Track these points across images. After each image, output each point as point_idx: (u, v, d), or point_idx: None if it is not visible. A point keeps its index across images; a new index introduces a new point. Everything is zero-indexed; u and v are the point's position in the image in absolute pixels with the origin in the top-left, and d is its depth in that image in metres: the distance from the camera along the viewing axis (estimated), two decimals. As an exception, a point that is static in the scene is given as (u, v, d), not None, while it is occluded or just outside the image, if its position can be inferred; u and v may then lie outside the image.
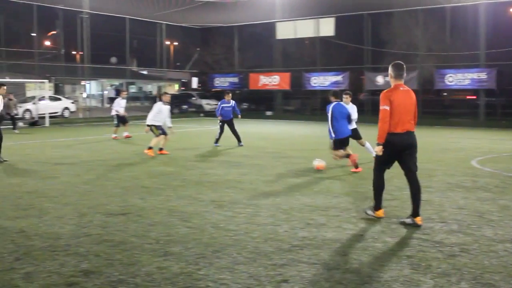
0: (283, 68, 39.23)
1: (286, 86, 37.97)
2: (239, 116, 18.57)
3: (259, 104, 41.32)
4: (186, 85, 48.63)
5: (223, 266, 5.33)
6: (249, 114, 38.13)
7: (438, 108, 34.73)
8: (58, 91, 39.99)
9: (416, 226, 6.84)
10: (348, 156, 11.66)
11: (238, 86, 41.28)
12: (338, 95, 11.94)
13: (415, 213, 6.92)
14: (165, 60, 44.00)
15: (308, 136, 21.95)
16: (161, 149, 14.84)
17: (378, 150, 6.94)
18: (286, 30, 38.37)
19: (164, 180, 10.63)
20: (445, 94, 36.32)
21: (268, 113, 38.28)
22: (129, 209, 7.91)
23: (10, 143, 18.40)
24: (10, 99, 23.94)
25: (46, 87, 31.37)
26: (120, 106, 20.84)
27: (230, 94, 18.23)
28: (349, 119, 11.86)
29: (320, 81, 36.29)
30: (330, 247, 6.00)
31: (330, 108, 11.48)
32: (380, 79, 33.15)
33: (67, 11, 36.53)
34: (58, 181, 10.45)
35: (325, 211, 7.76)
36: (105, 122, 30.04)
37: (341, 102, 11.91)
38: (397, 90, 6.99)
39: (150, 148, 14.64)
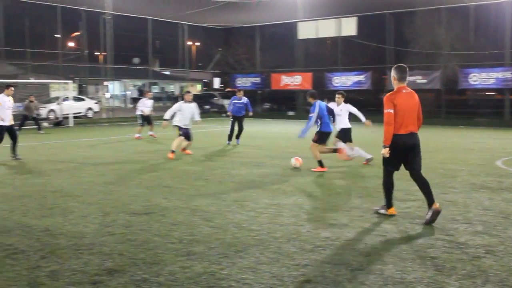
0: (305, 68, 39.14)
1: (308, 86, 37.82)
2: (251, 113, 18.81)
3: (281, 104, 41.30)
4: (208, 85, 48.80)
5: (246, 266, 5.34)
6: (271, 114, 38.17)
7: (462, 108, 34.28)
8: (82, 91, 40.43)
9: (437, 212, 6.89)
10: (335, 150, 12.34)
11: (260, 86, 41.30)
12: (316, 95, 12.48)
13: (430, 201, 7.01)
14: (187, 61, 44.16)
15: (330, 136, 21.81)
16: (184, 149, 14.86)
17: (385, 152, 7.09)
18: (308, 30, 38.28)
19: (187, 179, 10.68)
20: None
21: (290, 113, 38.23)
22: (152, 208, 7.96)
23: (35, 143, 18.69)
24: (31, 101, 24.13)
25: (70, 88, 31.77)
26: (145, 106, 21.04)
27: (242, 91, 18.79)
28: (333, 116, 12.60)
29: (342, 81, 36.14)
30: (353, 247, 5.97)
31: (317, 105, 12.02)
32: (402, 79, 32.85)
33: (90, 12, 36.90)
34: (82, 181, 10.55)
35: (348, 212, 7.72)
36: (128, 122, 30.30)
37: (322, 101, 12.44)
38: (400, 93, 7.17)
39: (172, 152, 14.18)
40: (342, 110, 12.94)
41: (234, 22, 42.05)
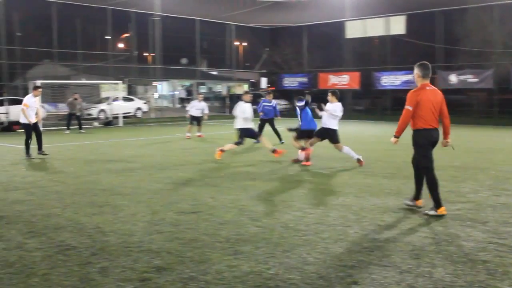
0: (352, 68, 38.77)
1: (355, 86, 37.52)
2: (278, 116, 19.05)
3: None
4: (255, 85, 48.96)
5: (292, 266, 5.33)
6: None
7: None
8: (131, 92, 41.18)
9: (418, 208, 7.61)
10: (302, 149, 12.96)
11: (307, 86, 41.13)
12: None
13: (417, 196, 7.73)
14: (234, 61, 44.42)
15: (378, 137, 21.56)
16: (277, 151, 13.82)
17: (393, 141, 7.88)
18: (355, 29, 37.90)
19: (234, 179, 10.73)
20: None
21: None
22: (200, 207, 8.03)
23: (85, 142, 19.14)
24: (76, 99, 24.39)
25: (120, 88, 32.39)
26: (195, 108, 21.24)
27: (272, 94, 19.16)
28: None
29: (391, 80, 35.61)
30: (402, 249, 5.87)
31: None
32: (453, 78, 32.20)
33: (140, 14, 37.54)
34: (131, 179, 10.74)
35: (396, 213, 7.61)
36: (176, 122, 30.67)
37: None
38: (424, 90, 7.50)
39: (221, 151, 13.71)
40: (337, 111, 12.53)
41: (281, 22, 42.01)
